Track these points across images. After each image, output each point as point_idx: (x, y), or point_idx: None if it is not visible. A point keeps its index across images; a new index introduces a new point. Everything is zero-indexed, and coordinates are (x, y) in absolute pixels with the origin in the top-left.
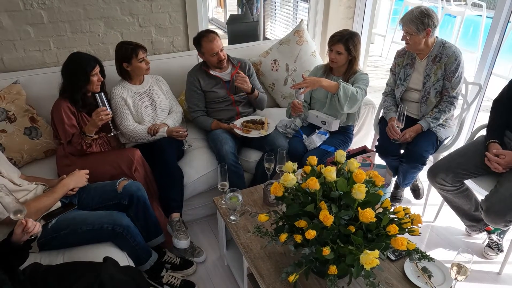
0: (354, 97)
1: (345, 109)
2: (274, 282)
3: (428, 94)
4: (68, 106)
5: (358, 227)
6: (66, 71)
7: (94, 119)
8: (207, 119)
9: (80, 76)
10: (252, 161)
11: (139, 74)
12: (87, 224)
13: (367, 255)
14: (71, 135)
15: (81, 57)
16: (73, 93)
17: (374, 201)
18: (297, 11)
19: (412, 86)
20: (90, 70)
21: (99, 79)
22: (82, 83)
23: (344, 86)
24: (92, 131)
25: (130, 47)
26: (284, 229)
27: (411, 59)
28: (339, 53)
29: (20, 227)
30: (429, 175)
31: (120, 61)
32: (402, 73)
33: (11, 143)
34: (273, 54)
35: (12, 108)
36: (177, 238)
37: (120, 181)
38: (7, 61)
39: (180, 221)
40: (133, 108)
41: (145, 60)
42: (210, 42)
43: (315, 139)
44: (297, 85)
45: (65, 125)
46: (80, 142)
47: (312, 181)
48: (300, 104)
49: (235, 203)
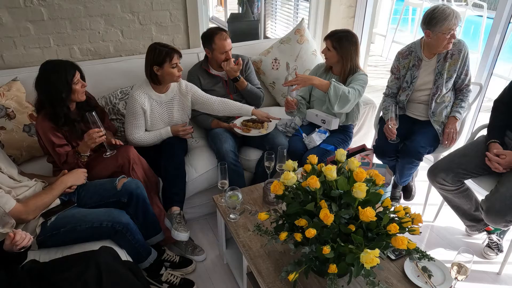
0: (345, 97)
1: (335, 109)
2: (273, 281)
3: (440, 91)
4: (52, 126)
5: (358, 226)
6: (43, 84)
7: (87, 141)
8: (207, 117)
9: (61, 87)
10: (252, 160)
11: (168, 81)
12: (86, 222)
13: (368, 254)
14: (65, 155)
15: (57, 65)
16: (55, 108)
17: (374, 200)
18: (297, 10)
19: (419, 87)
20: (71, 78)
21: (83, 85)
22: (65, 94)
23: (335, 85)
24: (87, 151)
25: (165, 50)
26: (284, 228)
27: (417, 60)
28: (328, 50)
29: (9, 239)
30: (429, 175)
31: (150, 64)
32: (408, 75)
33: (11, 140)
34: (273, 52)
35: (12, 105)
36: (177, 231)
37: (119, 178)
38: (7, 58)
39: (180, 214)
40: (149, 118)
41: (178, 66)
42: (224, 40)
43: (315, 138)
44: (288, 82)
45: (55, 148)
46: (76, 162)
47: (312, 179)
48: (293, 100)
49: (234, 202)
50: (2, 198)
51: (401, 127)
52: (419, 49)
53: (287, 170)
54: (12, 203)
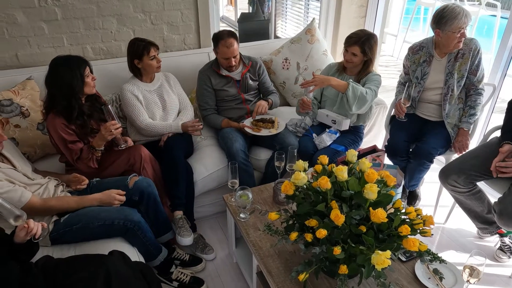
0: (363, 98)
1: (353, 109)
2: (283, 281)
3: (451, 92)
4: (63, 122)
5: (369, 227)
6: (55, 79)
7: (104, 134)
8: (217, 117)
9: (74, 80)
10: (262, 160)
11: (149, 72)
12: (98, 219)
13: (379, 256)
14: (79, 151)
15: (68, 59)
16: (69, 101)
17: (385, 201)
18: (308, 10)
19: (429, 85)
20: (82, 71)
21: (93, 78)
22: (77, 87)
23: (353, 86)
24: (101, 145)
25: (142, 44)
26: (295, 228)
27: (429, 56)
28: (355, 55)
29: (23, 230)
30: (441, 176)
31: (131, 58)
32: (419, 71)
33: (25, 137)
34: (284, 52)
35: (26, 104)
36: (180, 235)
37: (131, 177)
38: (21, 57)
39: (182, 218)
40: (144, 104)
41: (157, 58)
42: (226, 47)
43: (325, 138)
44: (306, 83)
45: (67, 144)
46: (91, 157)
47: (323, 180)
48: (309, 101)
49: (245, 201)
50: (17, 192)
51: (412, 127)
52: (431, 46)
53: (298, 170)
54: (27, 195)
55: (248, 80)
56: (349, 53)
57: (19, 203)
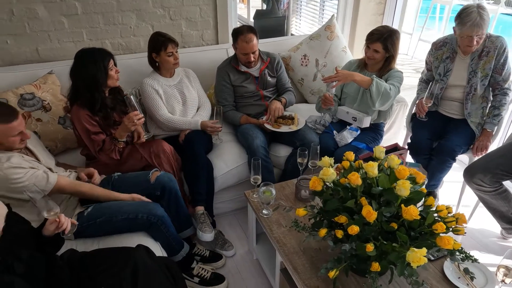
0: (387, 94)
1: (376, 106)
2: (309, 278)
3: (474, 91)
4: (87, 113)
5: (399, 224)
6: (80, 71)
7: (127, 124)
8: (236, 113)
9: (98, 72)
10: (282, 156)
11: (167, 68)
12: (122, 213)
13: (415, 253)
14: (101, 142)
15: (93, 52)
16: (93, 93)
17: (417, 198)
18: (324, 7)
19: (452, 83)
20: (106, 63)
21: (117, 71)
22: (101, 80)
23: (377, 81)
24: (124, 136)
25: (162, 39)
26: (323, 224)
27: (452, 52)
28: (377, 52)
29: (54, 224)
30: (465, 175)
31: (150, 51)
32: (442, 67)
33: (46, 131)
34: (303, 49)
35: (48, 98)
36: (201, 231)
37: (153, 171)
38: (42, 51)
39: (204, 214)
40: (164, 99)
41: (174, 55)
42: (246, 43)
43: (346, 135)
44: (329, 78)
45: (91, 135)
46: (113, 148)
47: (354, 176)
48: (331, 97)
49: (268, 197)
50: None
51: (434, 125)
52: (455, 42)
53: (324, 166)
54: (54, 177)
55: (267, 76)
56: (371, 50)
57: (48, 185)
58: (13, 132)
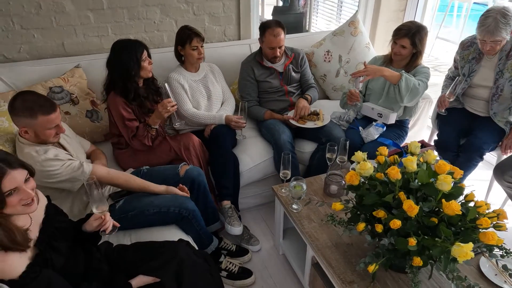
0: (416, 90)
1: (405, 101)
2: (344, 272)
3: (501, 92)
4: (123, 101)
5: (439, 219)
6: (114, 61)
7: (161, 111)
8: (260, 109)
9: (132, 63)
10: (306, 152)
11: (191, 62)
12: (153, 207)
13: (461, 248)
14: (135, 129)
15: (127, 43)
16: (125, 83)
17: (457, 193)
18: (342, 4)
19: (478, 82)
20: (140, 55)
21: (150, 62)
22: (134, 71)
23: (406, 77)
24: (157, 123)
25: (188, 33)
26: (360, 219)
27: (478, 53)
28: (404, 47)
29: (98, 221)
30: (496, 173)
31: (176, 44)
32: (466, 68)
33: (74, 125)
34: (326, 45)
35: (75, 91)
36: (230, 225)
37: (181, 165)
38: (67, 45)
39: (231, 207)
40: (190, 94)
41: (199, 49)
42: (274, 36)
43: (372, 132)
44: (357, 72)
45: (125, 121)
46: (146, 134)
47: (393, 170)
48: (357, 93)
49: (299, 192)
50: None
51: (461, 122)
52: None
53: (357, 161)
54: (89, 168)
55: (291, 71)
56: (398, 46)
57: (83, 176)
58: (51, 125)
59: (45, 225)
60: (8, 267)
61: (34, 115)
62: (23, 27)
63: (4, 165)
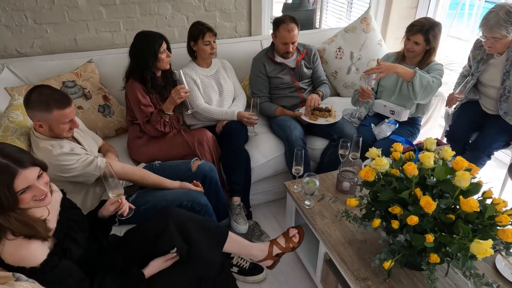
0: (430, 87)
1: (418, 98)
2: (358, 269)
3: (508, 93)
4: (142, 87)
5: (456, 216)
6: (134, 51)
7: (174, 96)
8: (271, 105)
9: (149, 54)
10: (317, 149)
11: (203, 57)
12: (166, 201)
13: (480, 245)
14: (149, 114)
15: (148, 35)
16: (142, 72)
17: (474, 190)
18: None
19: (486, 82)
20: (158, 47)
21: (168, 55)
22: (151, 62)
23: (420, 74)
24: (170, 109)
25: (200, 28)
26: (376, 215)
27: (487, 54)
28: (417, 44)
29: (115, 205)
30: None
31: (189, 39)
32: (475, 67)
33: (87, 119)
34: (338, 41)
35: (88, 86)
36: (236, 222)
37: (194, 160)
38: (79, 41)
39: (240, 205)
40: (202, 89)
41: (211, 44)
42: (287, 32)
43: (385, 129)
44: (370, 70)
45: (141, 105)
46: (159, 120)
47: (410, 166)
48: (369, 90)
49: (312, 188)
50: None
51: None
52: None
53: (371, 157)
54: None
55: (303, 68)
56: (411, 42)
57: (98, 170)
58: (65, 119)
59: (62, 217)
60: (30, 255)
61: (49, 109)
62: (36, 22)
63: (16, 165)
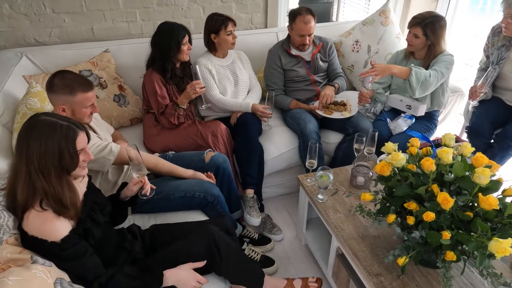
0: (426, 82)
1: (416, 94)
2: (371, 264)
3: None
4: (160, 77)
5: (474, 214)
6: (157, 41)
7: (189, 91)
8: (286, 98)
9: (172, 45)
10: (331, 143)
11: (224, 48)
12: (179, 191)
13: (499, 243)
14: (164, 106)
15: (172, 26)
16: (164, 63)
17: (494, 188)
18: None
19: (508, 73)
20: (181, 39)
21: (189, 47)
22: (173, 53)
23: (416, 71)
24: (185, 103)
25: (221, 19)
26: (390, 210)
27: (509, 40)
28: (416, 36)
29: (138, 185)
30: None
31: (208, 32)
32: (495, 55)
33: (102, 108)
34: (355, 34)
35: (104, 75)
36: (249, 215)
37: (207, 152)
38: (96, 30)
39: (254, 198)
40: (217, 79)
41: (233, 34)
42: (304, 23)
43: (401, 123)
44: (366, 73)
45: (157, 96)
46: (173, 113)
47: (428, 161)
48: (366, 93)
49: (326, 182)
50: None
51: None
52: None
53: (387, 152)
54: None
55: (319, 61)
56: (411, 34)
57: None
58: (88, 103)
59: (87, 198)
60: (55, 229)
61: (73, 92)
62: (55, 11)
63: (76, 127)
